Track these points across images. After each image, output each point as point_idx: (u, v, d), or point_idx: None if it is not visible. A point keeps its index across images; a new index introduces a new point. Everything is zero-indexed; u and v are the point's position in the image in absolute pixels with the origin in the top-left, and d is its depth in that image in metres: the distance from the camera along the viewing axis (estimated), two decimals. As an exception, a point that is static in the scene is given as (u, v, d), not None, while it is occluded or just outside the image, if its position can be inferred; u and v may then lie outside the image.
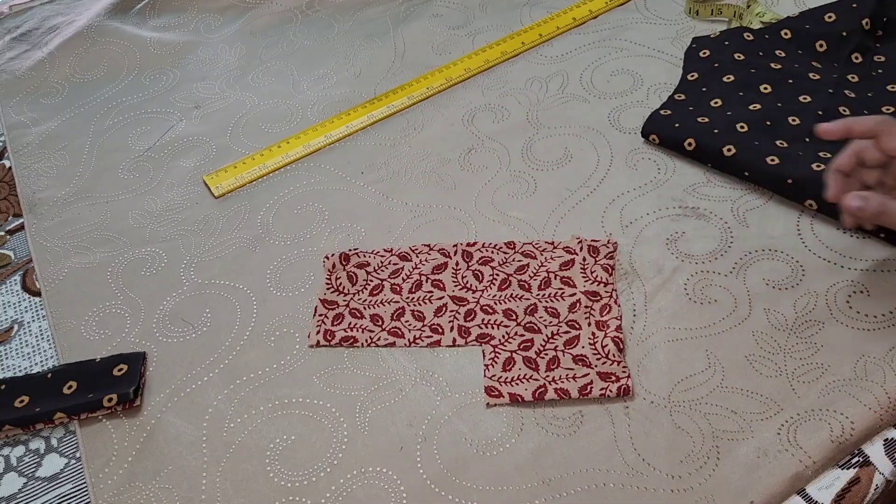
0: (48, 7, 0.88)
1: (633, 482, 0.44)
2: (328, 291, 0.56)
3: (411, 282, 0.55)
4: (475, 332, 0.52)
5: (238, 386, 0.51)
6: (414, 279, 0.55)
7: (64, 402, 0.50)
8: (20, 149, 0.72)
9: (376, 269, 0.56)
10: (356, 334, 0.53)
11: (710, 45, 0.70)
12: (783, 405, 0.46)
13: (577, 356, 0.49)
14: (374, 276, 0.56)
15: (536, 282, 0.53)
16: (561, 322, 0.51)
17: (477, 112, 0.70)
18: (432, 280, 0.55)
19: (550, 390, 0.48)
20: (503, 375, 0.49)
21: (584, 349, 0.49)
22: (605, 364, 0.48)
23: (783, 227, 0.56)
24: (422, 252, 0.57)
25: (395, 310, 0.54)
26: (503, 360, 0.50)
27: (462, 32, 0.80)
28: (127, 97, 0.77)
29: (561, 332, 0.51)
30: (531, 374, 0.49)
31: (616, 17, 0.78)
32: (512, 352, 0.50)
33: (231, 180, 0.66)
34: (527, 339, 0.51)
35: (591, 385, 0.48)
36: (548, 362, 0.50)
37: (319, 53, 0.80)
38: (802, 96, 0.63)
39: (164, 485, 0.47)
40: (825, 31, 0.68)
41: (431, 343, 0.52)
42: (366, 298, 0.55)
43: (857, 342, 0.48)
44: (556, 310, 0.52)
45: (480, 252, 0.56)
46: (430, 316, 0.53)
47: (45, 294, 0.59)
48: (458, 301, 0.54)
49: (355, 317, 0.54)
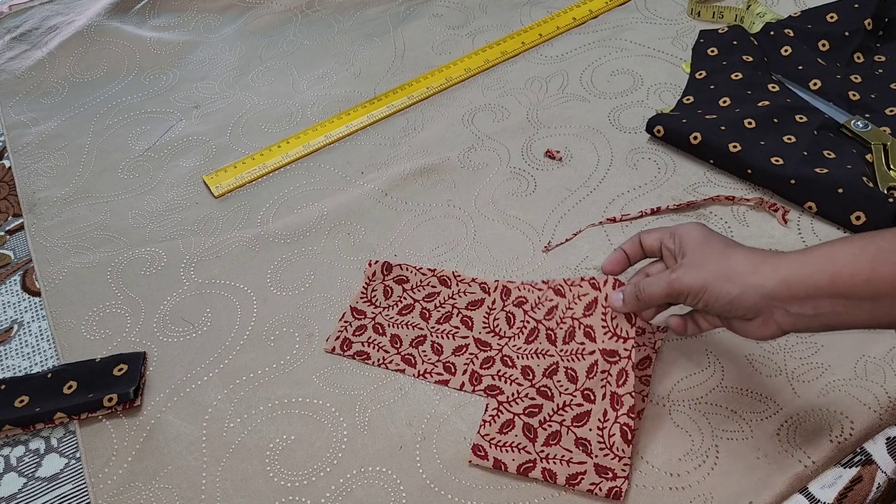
0: (48, 7, 0.88)
1: (632, 480, 0.44)
2: (361, 300, 0.55)
3: (442, 311, 0.53)
4: (486, 382, 0.49)
5: (238, 386, 0.51)
6: (446, 310, 0.53)
7: (64, 402, 0.50)
8: (20, 149, 0.72)
9: (413, 287, 0.55)
10: (370, 350, 0.52)
11: (718, 43, 0.70)
12: (783, 405, 0.46)
13: (580, 439, 0.45)
14: (409, 294, 0.55)
15: (562, 331, 0.48)
16: (577, 390, 0.46)
17: (477, 112, 0.70)
18: (463, 316, 0.53)
19: (538, 469, 0.44)
20: (497, 437, 0.46)
21: (591, 432, 0.45)
22: (606, 456, 0.44)
23: (783, 227, 0.56)
24: (463, 282, 0.54)
25: (416, 336, 0.52)
26: (502, 421, 0.47)
27: (462, 32, 0.80)
28: (127, 97, 0.77)
29: (573, 403, 0.46)
30: (526, 446, 0.45)
31: (616, 16, 0.78)
32: (515, 414, 0.47)
33: (231, 180, 0.66)
34: (536, 405, 0.47)
35: (582, 476, 0.43)
36: (548, 436, 0.45)
37: (319, 53, 0.80)
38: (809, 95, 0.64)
39: (164, 484, 0.47)
40: (828, 31, 0.68)
41: (440, 381, 0.50)
42: (393, 316, 0.54)
43: (856, 342, 0.48)
44: (574, 373, 0.47)
45: (518, 291, 0.52)
46: (448, 352, 0.51)
47: (44, 294, 0.59)
48: (482, 345, 0.51)
49: (377, 332, 0.53)
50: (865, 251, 0.36)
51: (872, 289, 0.36)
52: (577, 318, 0.47)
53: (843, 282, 0.36)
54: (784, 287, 0.37)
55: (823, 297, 0.37)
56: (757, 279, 0.38)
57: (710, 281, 0.39)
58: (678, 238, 0.43)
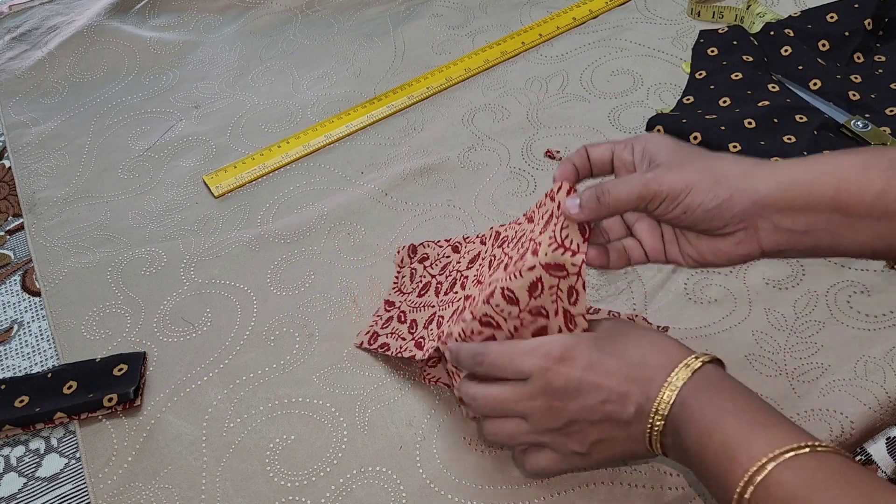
0: (48, 7, 0.88)
1: (630, 479, 0.44)
2: (392, 292, 0.54)
3: (448, 281, 0.50)
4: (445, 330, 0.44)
5: (238, 385, 0.51)
6: (452, 278, 0.50)
7: (64, 401, 0.50)
8: (20, 149, 0.72)
9: (432, 262, 0.53)
10: (391, 341, 0.50)
11: (718, 43, 0.70)
12: (783, 405, 0.46)
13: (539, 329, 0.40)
14: (428, 271, 0.53)
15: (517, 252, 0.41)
16: (522, 311, 0.40)
17: (477, 112, 0.70)
18: (462, 278, 0.49)
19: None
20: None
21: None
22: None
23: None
24: (470, 242, 0.52)
25: (429, 316, 0.49)
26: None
27: (462, 32, 0.80)
28: (127, 97, 0.77)
29: (526, 322, 0.40)
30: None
31: (616, 16, 0.78)
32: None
33: (231, 180, 0.66)
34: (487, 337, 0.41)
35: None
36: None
37: (319, 53, 0.80)
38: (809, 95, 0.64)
39: (164, 485, 0.47)
40: (828, 31, 0.68)
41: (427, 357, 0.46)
42: (414, 300, 0.52)
43: (857, 342, 0.48)
44: (513, 293, 0.39)
45: (504, 231, 0.47)
46: (446, 322, 0.46)
47: (44, 294, 0.59)
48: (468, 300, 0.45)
49: (400, 321, 0.51)
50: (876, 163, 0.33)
51: (881, 205, 0.32)
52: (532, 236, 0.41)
53: (849, 195, 0.32)
54: (781, 193, 0.33)
55: (822, 211, 0.33)
56: (751, 182, 0.34)
57: (695, 182, 0.34)
58: (641, 146, 0.37)
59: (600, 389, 0.35)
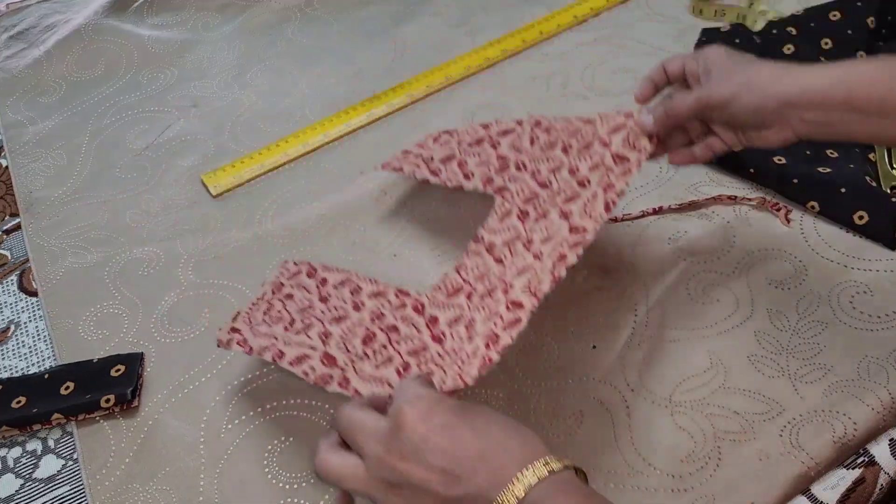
0: (45, 5, 0.88)
1: (633, 482, 0.43)
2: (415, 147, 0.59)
3: (474, 137, 0.56)
4: (497, 183, 0.51)
5: (236, 387, 0.51)
6: (479, 135, 0.56)
7: (61, 402, 0.50)
8: (17, 148, 0.72)
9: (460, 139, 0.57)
10: (404, 165, 0.57)
11: (720, 42, 0.70)
12: (785, 406, 0.46)
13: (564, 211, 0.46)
14: (453, 139, 0.58)
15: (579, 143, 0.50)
16: (573, 179, 0.48)
17: (477, 110, 0.70)
18: (493, 140, 0.55)
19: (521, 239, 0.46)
20: (495, 226, 0.48)
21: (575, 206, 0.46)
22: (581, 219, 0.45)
23: (786, 227, 0.55)
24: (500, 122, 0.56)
25: (446, 154, 0.56)
26: (503, 212, 0.48)
27: (462, 30, 0.79)
28: (124, 96, 0.77)
29: (568, 188, 0.48)
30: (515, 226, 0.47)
31: (618, 14, 0.78)
32: (514, 205, 0.48)
33: (229, 179, 0.66)
34: (533, 193, 0.49)
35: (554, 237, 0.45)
36: (537, 216, 0.47)
37: (318, 52, 0.79)
38: None
39: (162, 486, 0.46)
40: (830, 29, 0.68)
41: (457, 186, 0.53)
42: (433, 146, 0.58)
43: (860, 343, 0.48)
44: (576, 167, 0.49)
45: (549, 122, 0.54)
46: (471, 165, 0.54)
47: (42, 294, 0.59)
48: (501, 159, 0.53)
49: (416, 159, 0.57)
50: (884, 72, 0.39)
51: (885, 107, 0.38)
52: (599, 134, 0.50)
53: (859, 98, 0.39)
54: (803, 95, 0.40)
55: (837, 110, 0.40)
56: (779, 87, 0.41)
57: (736, 92, 0.42)
58: (702, 59, 0.45)
59: (444, 455, 0.32)
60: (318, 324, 0.46)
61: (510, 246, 0.46)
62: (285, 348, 0.45)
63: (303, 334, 0.46)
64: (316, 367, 0.43)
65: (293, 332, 0.46)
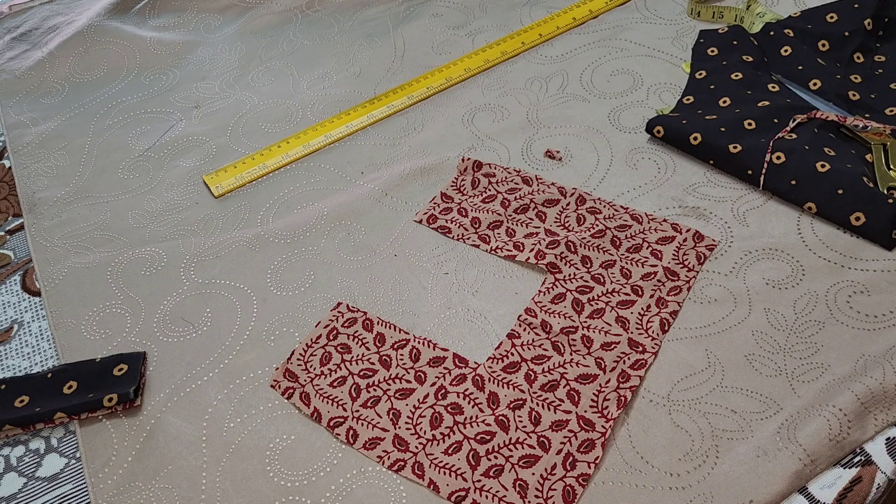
0: (48, 7, 0.88)
1: (631, 480, 0.44)
2: (451, 188, 0.61)
3: (520, 203, 0.59)
4: (549, 259, 0.54)
5: (238, 385, 0.51)
6: (524, 202, 0.59)
7: (64, 401, 0.50)
8: (20, 149, 0.72)
9: (499, 181, 0.61)
10: (452, 227, 0.58)
11: (718, 43, 0.70)
12: (783, 405, 0.46)
13: (621, 317, 0.50)
14: (494, 186, 0.61)
15: (628, 243, 0.55)
16: (627, 283, 0.52)
17: (477, 112, 0.70)
18: (538, 210, 0.58)
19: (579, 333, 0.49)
20: (548, 305, 0.51)
21: (632, 315, 0.50)
22: (640, 334, 0.49)
23: (783, 227, 0.56)
24: (543, 183, 0.60)
25: (494, 220, 0.58)
26: (555, 294, 0.52)
27: (462, 32, 0.80)
28: (127, 97, 0.77)
29: (621, 292, 0.52)
30: (571, 315, 0.51)
31: (616, 16, 0.78)
32: (568, 290, 0.52)
33: (231, 180, 0.66)
34: (587, 286, 0.53)
35: (616, 345, 0.48)
36: (592, 311, 0.51)
37: (319, 53, 0.80)
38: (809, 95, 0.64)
39: (164, 484, 0.47)
40: (827, 31, 0.68)
41: (508, 255, 0.55)
42: (477, 203, 0.60)
43: (857, 342, 0.48)
44: (629, 272, 0.53)
45: (594, 203, 0.58)
46: (519, 236, 0.57)
47: (44, 294, 0.59)
48: (550, 234, 0.56)
49: (461, 214, 0.59)
50: None
51: None
52: (648, 241, 0.54)
53: None
54: None
55: None
56: None
57: None
58: None
59: None
60: (385, 398, 0.48)
61: (568, 336, 0.50)
62: (357, 426, 0.47)
63: (372, 410, 0.48)
64: (390, 452, 0.46)
65: (360, 404, 0.48)
